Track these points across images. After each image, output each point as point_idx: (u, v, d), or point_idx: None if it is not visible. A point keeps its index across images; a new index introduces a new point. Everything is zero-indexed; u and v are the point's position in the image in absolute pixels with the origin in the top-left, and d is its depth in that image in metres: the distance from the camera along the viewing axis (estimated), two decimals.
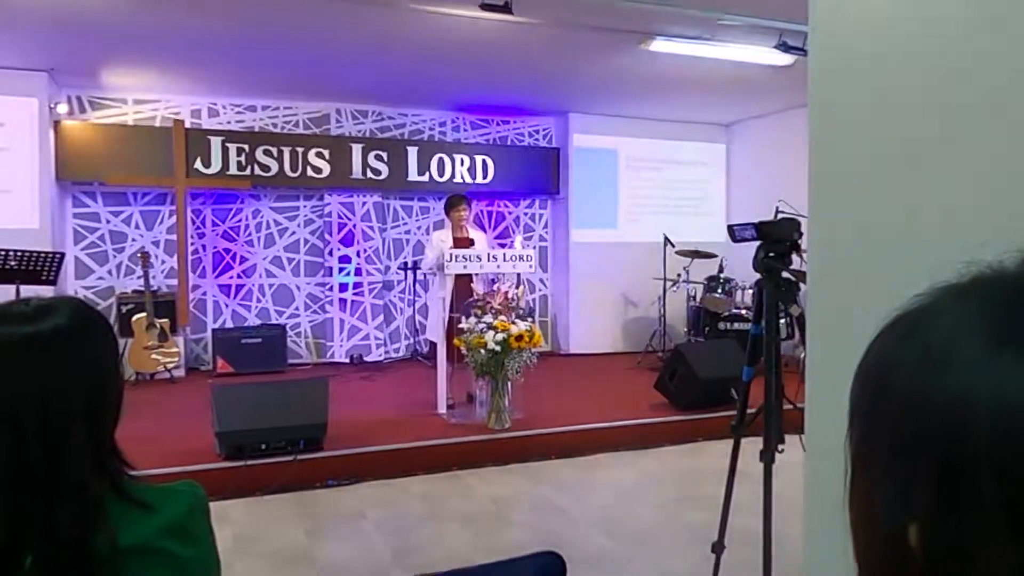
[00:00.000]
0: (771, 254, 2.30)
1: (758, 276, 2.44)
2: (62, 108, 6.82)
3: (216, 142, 7.30)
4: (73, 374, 0.95)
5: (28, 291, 4.98)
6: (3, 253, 5.11)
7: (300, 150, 7.55)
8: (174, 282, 7.22)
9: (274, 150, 7.47)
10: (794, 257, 2.39)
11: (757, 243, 2.45)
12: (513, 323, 4.93)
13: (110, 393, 1.01)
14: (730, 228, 2.44)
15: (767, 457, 2.41)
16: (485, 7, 4.56)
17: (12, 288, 5.13)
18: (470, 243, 5.80)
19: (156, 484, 1.04)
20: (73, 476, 0.92)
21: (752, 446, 2.59)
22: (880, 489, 0.46)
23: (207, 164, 7.26)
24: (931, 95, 1.59)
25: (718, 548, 2.68)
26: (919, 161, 1.62)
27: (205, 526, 1.07)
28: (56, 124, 6.78)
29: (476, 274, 5.57)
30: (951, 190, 1.55)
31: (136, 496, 0.98)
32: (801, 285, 2.88)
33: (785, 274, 2.34)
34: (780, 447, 2.42)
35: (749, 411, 2.55)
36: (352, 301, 7.87)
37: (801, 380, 2.08)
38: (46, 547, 0.90)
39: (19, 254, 5.17)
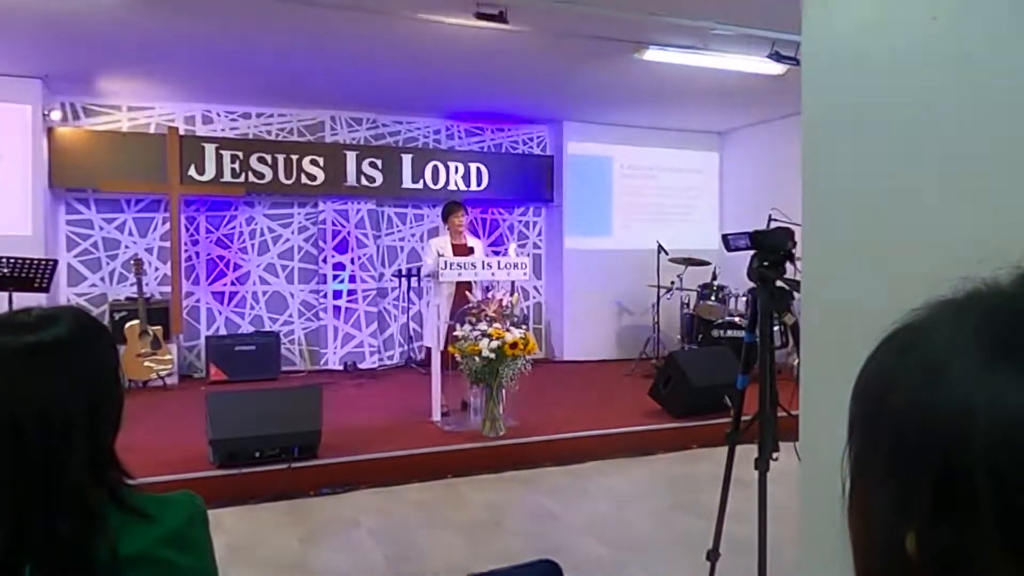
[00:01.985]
0: (765, 263, 2.32)
1: (751, 284, 2.46)
2: (56, 115, 6.81)
3: (210, 149, 7.30)
4: (74, 384, 0.95)
5: (22, 299, 4.95)
6: None
7: (294, 157, 7.56)
8: (167, 289, 7.21)
9: (268, 157, 7.47)
10: (788, 266, 2.41)
11: (751, 252, 2.46)
12: (508, 330, 4.94)
13: (110, 403, 1.01)
14: (725, 237, 2.46)
15: (762, 465, 2.42)
16: (480, 16, 4.59)
17: (4, 295, 5.11)
18: (469, 251, 5.80)
19: (155, 493, 1.04)
20: (73, 485, 0.93)
21: (747, 454, 2.61)
22: (878, 499, 0.47)
23: (201, 171, 7.26)
24: (925, 106, 1.61)
25: (713, 556, 2.68)
26: (913, 171, 1.64)
27: (204, 536, 1.07)
28: (49, 131, 6.77)
29: (475, 282, 5.58)
30: (945, 200, 1.57)
31: (135, 505, 0.98)
32: (795, 294, 2.91)
33: (779, 283, 2.36)
34: (775, 455, 2.43)
35: (744, 419, 2.56)
36: (346, 308, 7.86)
37: (796, 388, 2.10)
38: (46, 556, 0.90)
39: (12, 261, 5.15)
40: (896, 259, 1.65)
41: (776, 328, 4.58)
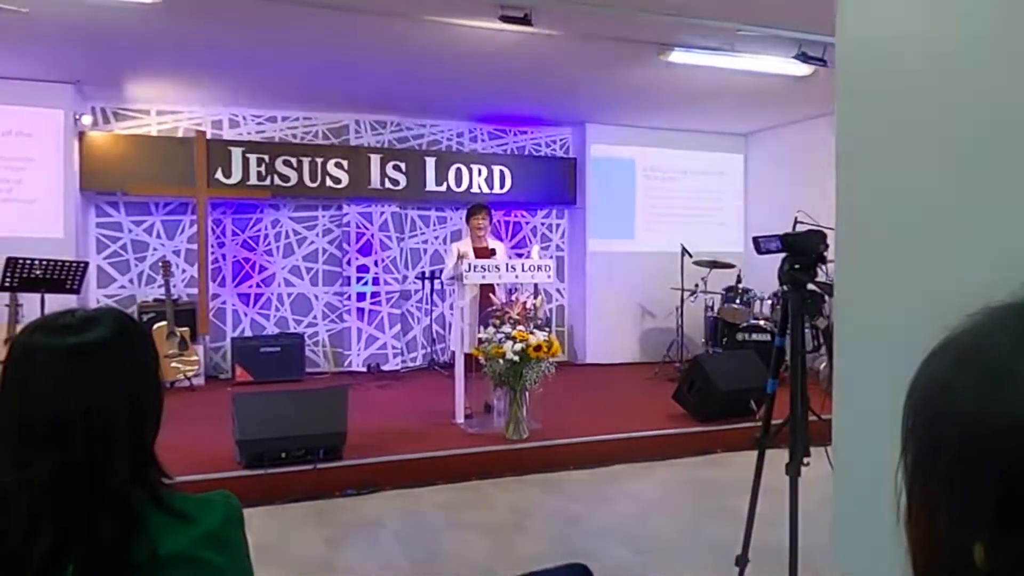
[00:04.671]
0: (796, 266, 2.29)
1: (776, 287, 2.44)
2: (87, 119, 6.92)
3: (237, 153, 7.38)
4: (117, 385, 0.97)
5: (54, 300, 5.04)
6: (28, 262, 5.19)
7: (319, 160, 7.62)
8: (194, 291, 7.29)
9: (293, 160, 7.54)
10: (819, 269, 2.38)
11: (780, 255, 2.44)
12: (531, 333, 4.93)
13: (151, 404, 1.02)
14: (755, 240, 2.43)
15: (793, 470, 2.39)
16: (505, 19, 4.59)
17: (37, 297, 5.20)
18: (490, 253, 5.81)
19: (192, 494, 1.05)
20: (115, 486, 0.94)
21: (773, 459, 2.58)
22: (942, 511, 0.46)
23: (228, 174, 7.34)
24: (962, 106, 1.58)
25: (742, 561, 2.66)
26: (949, 173, 1.61)
27: (240, 536, 1.09)
28: (81, 135, 6.89)
29: (498, 284, 5.58)
30: (982, 202, 1.54)
31: (174, 506, 0.99)
32: (826, 297, 2.87)
33: (810, 286, 2.33)
34: (806, 460, 2.40)
35: (774, 423, 2.53)
36: (369, 310, 7.91)
37: (827, 393, 2.07)
38: (88, 556, 0.91)
39: (44, 263, 5.24)
40: (933, 262, 1.63)
41: (807, 331, 4.53)
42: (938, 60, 1.63)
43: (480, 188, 8.15)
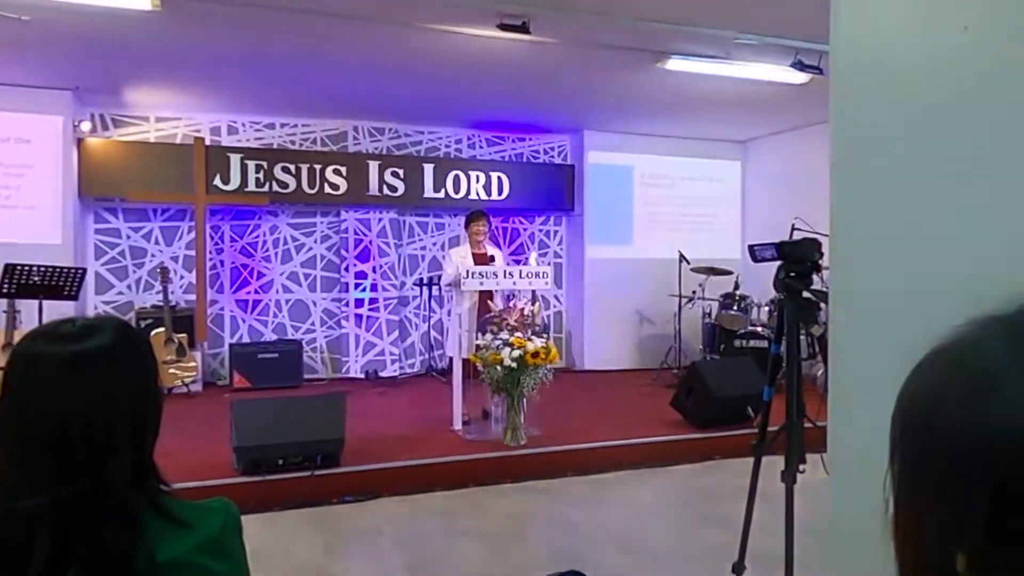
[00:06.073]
0: (792, 274, 2.31)
1: (774, 294, 2.45)
2: (86, 126, 6.93)
3: (235, 159, 7.39)
4: (118, 392, 0.97)
5: (52, 306, 5.03)
6: (27, 269, 5.18)
7: (318, 167, 7.63)
8: (192, 297, 7.29)
9: (292, 167, 7.55)
10: (815, 277, 2.39)
11: (777, 263, 2.45)
12: (529, 340, 4.94)
13: (150, 411, 1.03)
14: (751, 248, 2.44)
15: (789, 477, 2.40)
16: (503, 27, 4.61)
17: (35, 303, 5.19)
18: (489, 259, 5.81)
19: (191, 500, 1.06)
20: (116, 493, 0.94)
21: (770, 466, 2.58)
22: (928, 518, 0.47)
23: (226, 181, 7.35)
24: (956, 114, 1.60)
25: (739, 569, 2.66)
26: (943, 180, 1.62)
27: (238, 543, 1.09)
28: (80, 141, 6.90)
29: (496, 291, 5.59)
30: (978, 209, 1.55)
31: (173, 512, 1.00)
32: (821, 305, 2.89)
33: (806, 294, 2.34)
34: (802, 467, 2.41)
35: (770, 429, 2.54)
36: (368, 317, 7.91)
37: (822, 399, 2.08)
38: (88, 563, 0.92)
39: (42, 270, 5.23)
40: (927, 269, 1.64)
41: (802, 336, 4.53)
42: (932, 65, 1.65)
43: (478, 195, 8.17)
